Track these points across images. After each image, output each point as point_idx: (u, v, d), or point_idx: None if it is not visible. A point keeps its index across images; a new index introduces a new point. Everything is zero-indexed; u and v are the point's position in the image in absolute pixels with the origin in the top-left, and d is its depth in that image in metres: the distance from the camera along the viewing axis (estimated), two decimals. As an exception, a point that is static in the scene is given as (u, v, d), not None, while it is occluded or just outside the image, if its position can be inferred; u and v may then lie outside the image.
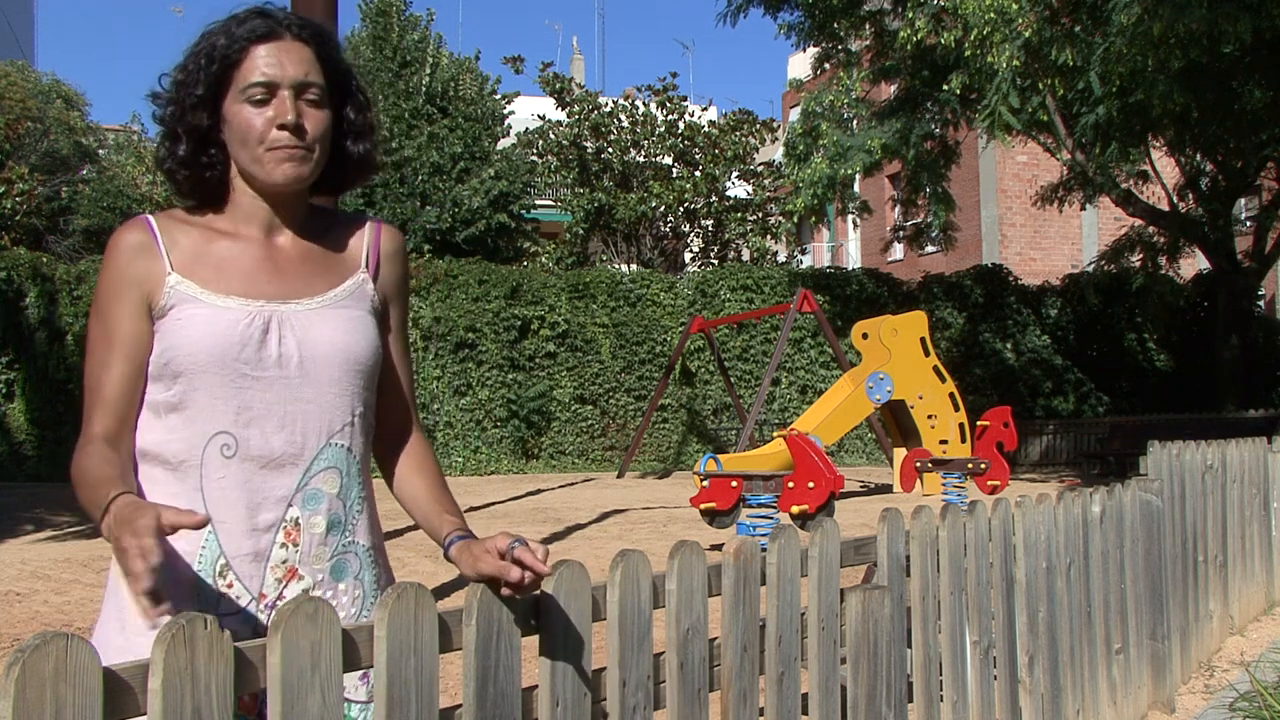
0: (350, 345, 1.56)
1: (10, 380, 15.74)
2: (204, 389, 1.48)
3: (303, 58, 1.53)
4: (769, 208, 24.94)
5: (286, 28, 1.54)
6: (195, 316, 1.49)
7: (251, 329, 1.50)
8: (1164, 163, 18.91)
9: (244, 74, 1.51)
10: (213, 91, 1.52)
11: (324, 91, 1.55)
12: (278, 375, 1.51)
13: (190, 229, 1.55)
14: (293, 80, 1.52)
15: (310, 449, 1.52)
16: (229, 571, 1.48)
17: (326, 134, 1.56)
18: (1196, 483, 4.96)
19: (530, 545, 1.41)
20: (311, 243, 1.61)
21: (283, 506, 1.51)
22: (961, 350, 19.65)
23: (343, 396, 1.56)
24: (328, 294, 1.58)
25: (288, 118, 1.50)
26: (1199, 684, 4.54)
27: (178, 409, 1.50)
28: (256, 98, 1.51)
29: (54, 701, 1.04)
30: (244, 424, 1.49)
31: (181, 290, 1.50)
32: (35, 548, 8.30)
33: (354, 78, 1.63)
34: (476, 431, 17.49)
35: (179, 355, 1.48)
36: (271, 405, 1.50)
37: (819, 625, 2.14)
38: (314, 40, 1.56)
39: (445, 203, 21.16)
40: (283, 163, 1.51)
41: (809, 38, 16.56)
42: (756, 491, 7.85)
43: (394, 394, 1.68)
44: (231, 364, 1.48)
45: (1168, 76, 11.88)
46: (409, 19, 22.88)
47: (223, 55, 1.51)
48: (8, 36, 38.32)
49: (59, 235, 22.43)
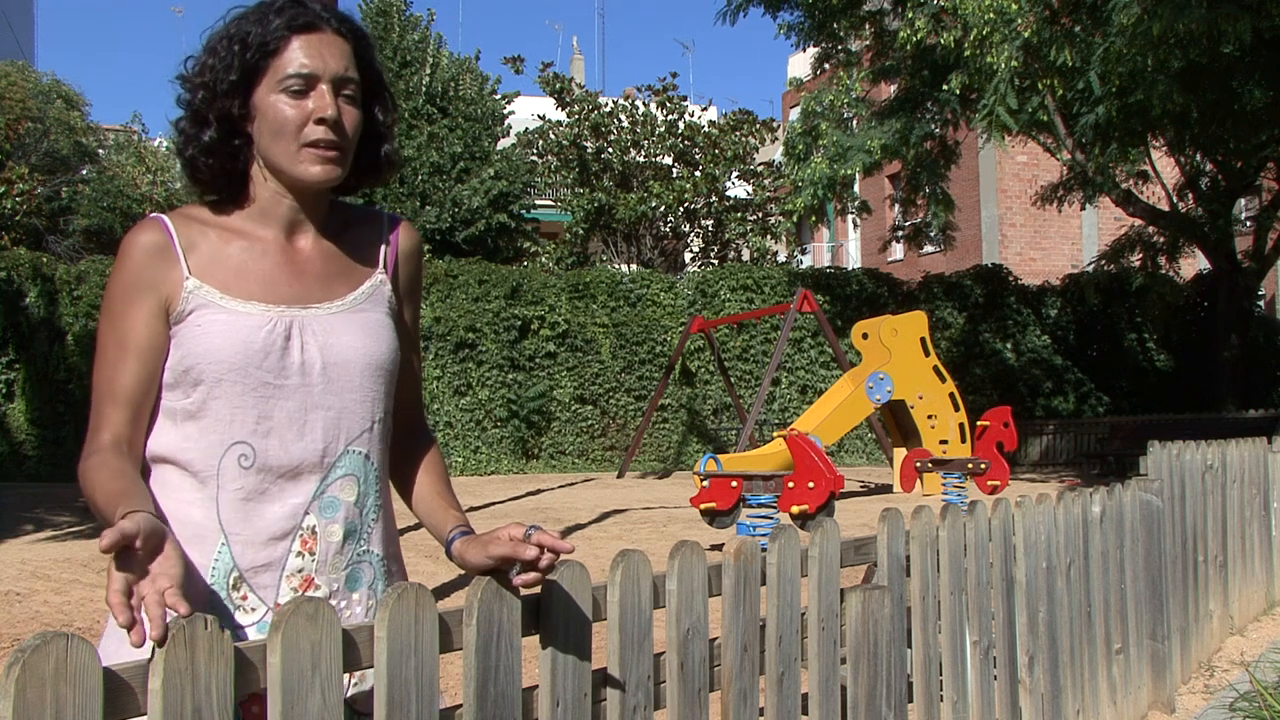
0: (372, 351, 1.53)
1: (10, 380, 15.74)
2: (224, 398, 1.44)
3: (343, 52, 1.50)
4: (769, 208, 24.94)
5: (327, 21, 1.50)
6: (215, 322, 1.44)
7: (274, 336, 1.46)
8: (1164, 163, 18.91)
9: (282, 64, 1.46)
10: (246, 79, 1.47)
11: (359, 90, 1.52)
12: (300, 383, 1.47)
13: (207, 229, 1.51)
14: (334, 74, 1.47)
15: (329, 456, 1.49)
16: (242, 584, 1.45)
17: (358, 133, 1.52)
18: (1196, 483, 4.96)
19: (547, 530, 1.40)
20: (331, 242, 1.57)
21: (299, 514, 1.47)
22: (961, 350, 19.65)
23: (363, 403, 1.53)
24: (347, 298, 1.55)
25: (328, 112, 1.46)
26: (1199, 684, 4.54)
27: (195, 417, 1.45)
28: (295, 89, 1.46)
29: (54, 701, 1.04)
30: (263, 434, 1.45)
31: (200, 295, 1.46)
32: (35, 548, 8.30)
33: (385, 80, 1.59)
34: (476, 431, 17.49)
35: (199, 363, 1.44)
36: (292, 414, 1.47)
37: (819, 625, 2.14)
38: (353, 36, 1.52)
39: (445, 203, 21.17)
40: (318, 160, 1.47)
41: (809, 38, 16.56)
42: (756, 491, 7.85)
43: (403, 391, 1.65)
44: (254, 372, 1.44)
45: (1167, 76, 11.88)
46: (409, 19, 22.90)
47: (259, 42, 1.46)
48: (8, 36, 38.32)
49: (59, 235, 22.44)
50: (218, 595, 1.44)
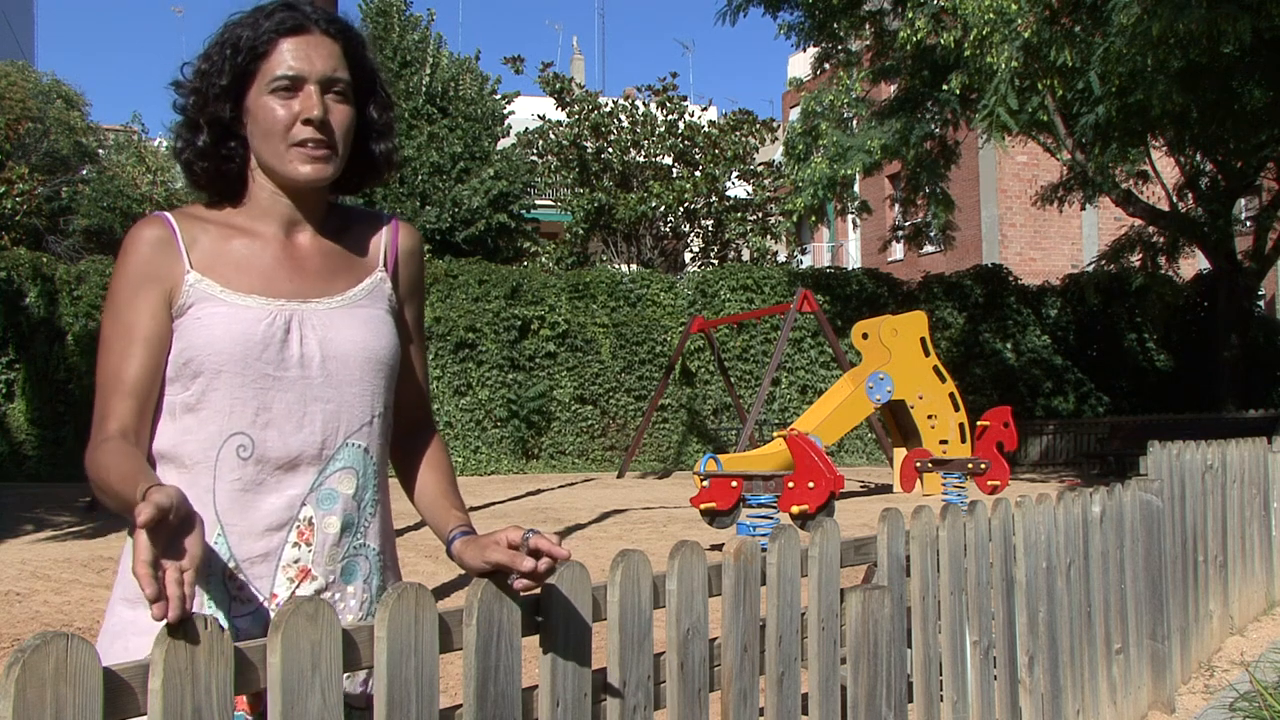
0: (372, 344, 1.55)
1: (10, 380, 15.75)
2: (223, 389, 1.46)
3: (331, 53, 1.52)
4: (769, 208, 24.94)
5: (315, 23, 1.52)
6: (215, 315, 1.47)
7: (274, 329, 1.48)
8: (1164, 163, 18.91)
9: (271, 66, 1.49)
10: (237, 83, 1.50)
11: (350, 88, 1.54)
12: (299, 375, 1.49)
13: (208, 226, 1.53)
14: (320, 75, 1.50)
15: (328, 449, 1.51)
16: (238, 574, 1.47)
17: (350, 131, 1.54)
18: (1196, 483, 4.96)
19: (545, 535, 1.40)
20: (330, 240, 1.59)
21: (296, 505, 1.49)
22: (961, 350, 19.65)
23: (363, 396, 1.54)
24: (347, 293, 1.57)
25: (314, 112, 1.49)
26: (1199, 684, 4.54)
27: (194, 410, 1.47)
28: (283, 90, 1.49)
29: (54, 701, 1.04)
30: (262, 425, 1.47)
31: (201, 289, 1.48)
32: (35, 548, 8.30)
33: (379, 77, 1.61)
34: (476, 431, 17.49)
35: (199, 355, 1.45)
36: (291, 406, 1.48)
37: (819, 625, 2.14)
38: (342, 36, 1.55)
39: (445, 203, 21.18)
40: (307, 160, 1.50)
41: (809, 37, 16.57)
42: (756, 491, 7.85)
43: (410, 391, 1.67)
44: (254, 364, 1.46)
45: (1167, 76, 11.88)
46: (409, 19, 22.91)
47: (249, 46, 1.49)
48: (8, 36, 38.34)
49: (59, 235, 22.45)
50: (214, 585, 1.45)
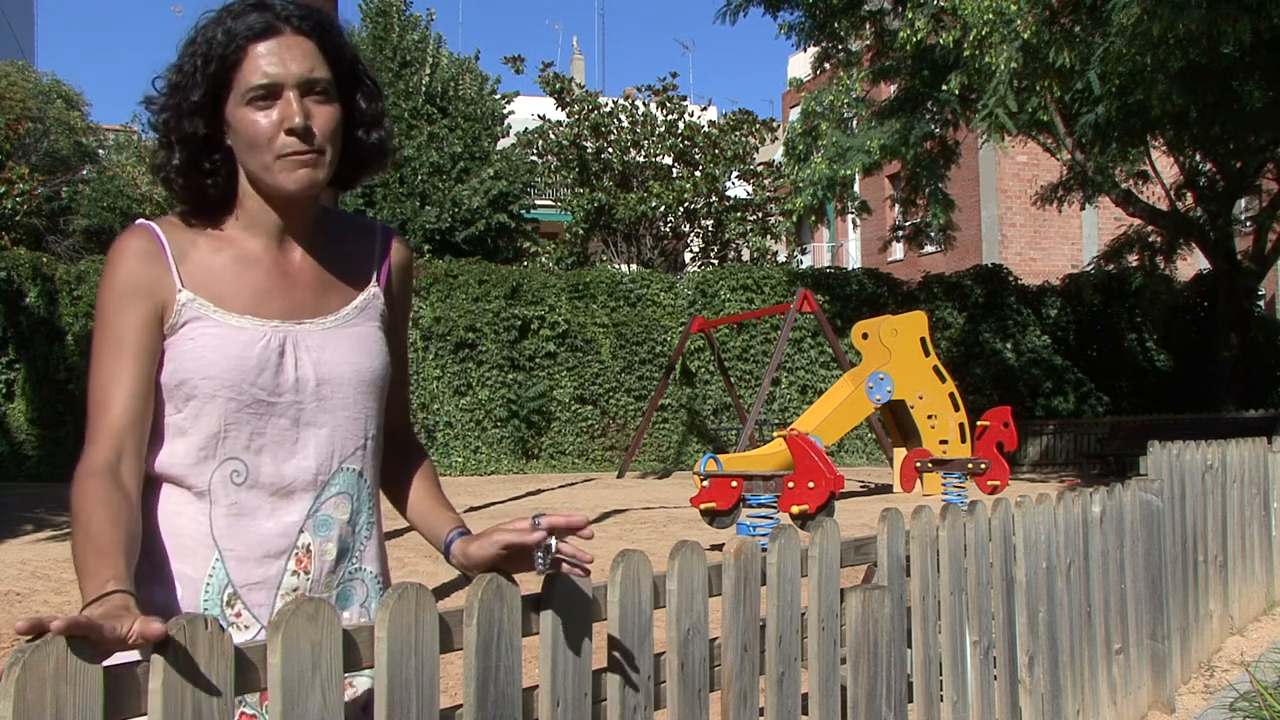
0: (365, 367, 1.52)
1: (10, 380, 15.74)
2: (216, 414, 1.42)
3: (306, 52, 1.44)
4: (769, 208, 24.94)
5: (286, 20, 1.44)
6: (207, 336, 1.42)
7: (268, 351, 1.44)
8: (1164, 163, 18.91)
9: (245, 76, 1.42)
10: (212, 95, 1.43)
11: (331, 85, 1.47)
12: (293, 400, 1.46)
13: (197, 238, 1.48)
14: (297, 79, 1.42)
15: (323, 474, 1.49)
16: (237, 600, 1.44)
17: (338, 130, 1.47)
18: (1196, 483, 4.96)
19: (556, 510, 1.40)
20: (323, 252, 1.54)
21: (294, 533, 1.46)
22: (961, 350, 19.65)
23: (356, 420, 1.51)
24: (340, 312, 1.53)
25: (295, 121, 1.41)
26: (1199, 684, 4.54)
27: (186, 433, 1.44)
28: (259, 100, 1.42)
29: (54, 701, 1.04)
30: (255, 450, 1.44)
31: (193, 308, 1.43)
32: (35, 548, 8.30)
33: (361, 64, 1.53)
34: (476, 431, 17.49)
35: (192, 378, 1.42)
36: (284, 431, 1.45)
37: (819, 625, 2.14)
38: (316, 31, 1.46)
39: (445, 203, 21.17)
40: (294, 170, 1.43)
41: (809, 37, 16.57)
42: (756, 491, 7.85)
43: (391, 398, 1.63)
44: (248, 389, 1.42)
45: (1167, 76, 11.88)
46: (409, 19, 22.89)
47: (220, 56, 1.41)
48: (8, 36, 38.33)
49: (59, 235, 22.44)
50: (212, 612, 1.43)
